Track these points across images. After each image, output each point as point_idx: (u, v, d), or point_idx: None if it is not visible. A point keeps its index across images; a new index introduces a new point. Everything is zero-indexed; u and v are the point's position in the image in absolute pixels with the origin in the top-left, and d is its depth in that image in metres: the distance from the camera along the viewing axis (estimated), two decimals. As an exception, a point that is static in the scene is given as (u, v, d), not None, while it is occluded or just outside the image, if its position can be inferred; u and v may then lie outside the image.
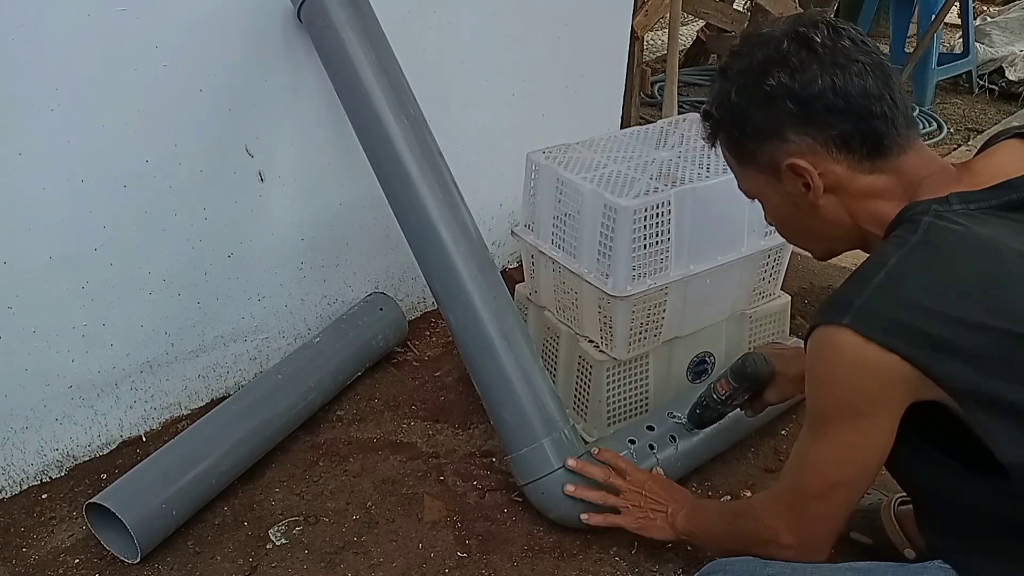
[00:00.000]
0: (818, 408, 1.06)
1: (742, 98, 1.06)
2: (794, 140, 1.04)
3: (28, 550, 1.53)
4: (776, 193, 1.11)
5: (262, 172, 1.79)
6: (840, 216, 1.08)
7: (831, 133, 1.02)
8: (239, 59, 1.67)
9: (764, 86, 1.03)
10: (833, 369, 1.00)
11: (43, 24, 1.40)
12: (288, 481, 1.68)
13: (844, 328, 0.96)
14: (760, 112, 1.05)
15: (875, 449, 1.03)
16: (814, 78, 1.01)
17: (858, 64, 1.01)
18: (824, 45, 1.01)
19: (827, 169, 1.04)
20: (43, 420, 1.65)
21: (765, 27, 1.07)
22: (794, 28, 1.03)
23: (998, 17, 4.53)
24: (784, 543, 1.14)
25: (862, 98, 1.01)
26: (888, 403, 0.99)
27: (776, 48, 1.03)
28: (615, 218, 1.52)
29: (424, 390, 1.96)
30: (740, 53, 1.07)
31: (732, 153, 1.14)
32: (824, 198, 1.06)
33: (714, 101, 1.11)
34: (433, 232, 1.59)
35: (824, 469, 1.08)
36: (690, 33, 4.78)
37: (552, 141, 1.78)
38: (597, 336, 1.69)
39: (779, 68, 1.02)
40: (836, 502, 1.09)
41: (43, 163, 1.48)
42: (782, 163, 1.06)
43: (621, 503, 1.44)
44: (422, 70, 1.82)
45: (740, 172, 1.16)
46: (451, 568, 1.47)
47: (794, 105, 1.02)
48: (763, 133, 1.06)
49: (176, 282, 1.75)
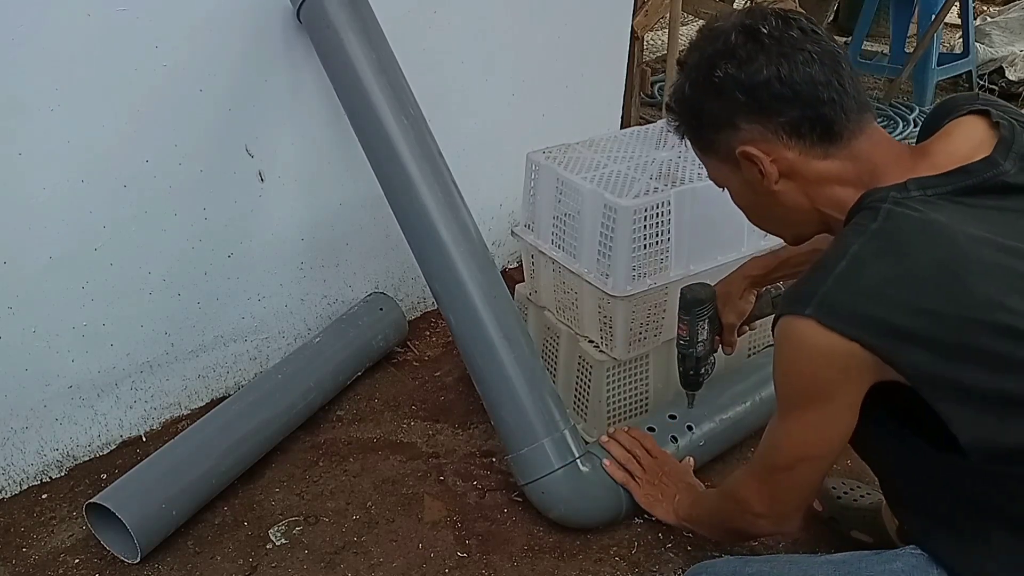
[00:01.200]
0: (783, 393, 1.10)
1: (695, 91, 1.10)
2: (745, 128, 1.07)
3: (28, 550, 1.53)
4: (737, 180, 1.14)
5: (262, 172, 1.80)
6: (799, 201, 1.10)
7: (780, 120, 1.05)
8: (239, 59, 1.67)
9: (713, 78, 1.06)
10: (796, 358, 1.04)
11: (43, 24, 1.40)
12: (288, 481, 1.68)
13: (807, 319, 0.99)
14: (712, 103, 1.08)
15: (838, 428, 1.07)
16: (760, 68, 1.03)
17: (804, 53, 1.03)
18: (771, 36, 1.04)
19: (779, 156, 1.07)
20: (43, 420, 1.65)
21: (718, 21, 1.10)
22: (743, 21, 1.06)
23: (998, 17, 4.53)
24: (757, 512, 1.21)
25: (808, 85, 1.03)
26: (849, 388, 1.03)
27: (724, 41, 1.06)
28: (615, 218, 1.52)
29: (424, 390, 1.96)
30: (694, 47, 1.11)
31: (695, 143, 1.18)
32: (781, 183, 1.09)
33: (673, 95, 1.15)
34: (433, 232, 1.59)
35: (790, 445, 1.13)
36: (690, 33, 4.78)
37: (552, 141, 1.78)
38: (597, 336, 1.69)
39: (726, 60, 1.05)
40: (802, 474, 1.14)
41: (43, 163, 1.48)
42: (736, 151, 1.09)
43: (639, 473, 1.51)
44: (422, 70, 1.82)
45: (705, 161, 1.19)
46: (451, 568, 1.47)
47: (742, 95, 1.05)
48: (717, 123, 1.09)
49: (176, 282, 1.75)
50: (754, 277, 1.50)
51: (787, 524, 1.22)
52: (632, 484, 1.51)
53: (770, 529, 1.26)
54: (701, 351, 1.51)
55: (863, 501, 1.50)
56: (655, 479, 1.50)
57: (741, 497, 1.23)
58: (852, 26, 4.42)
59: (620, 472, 1.52)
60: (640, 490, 1.50)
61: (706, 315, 1.48)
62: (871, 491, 1.52)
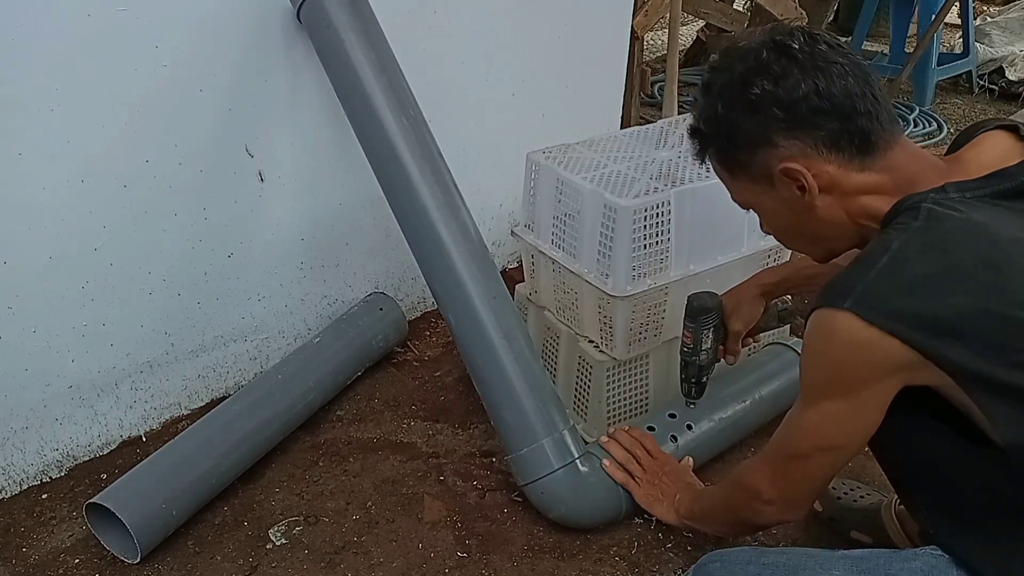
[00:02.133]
0: (810, 382, 1.09)
1: (729, 110, 1.08)
2: (784, 145, 1.06)
3: (28, 550, 1.53)
4: (771, 200, 1.12)
5: (262, 172, 1.80)
6: (837, 215, 1.09)
7: (819, 134, 1.04)
8: (239, 59, 1.67)
9: (749, 95, 1.05)
10: (829, 349, 1.03)
11: (43, 24, 1.40)
12: (288, 481, 1.68)
13: (845, 312, 0.98)
14: (748, 121, 1.07)
15: (862, 423, 1.07)
16: (797, 83, 1.03)
17: (837, 66, 1.03)
18: (802, 51, 1.03)
19: (820, 170, 1.06)
20: (43, 420, 1.65)
21: (742, 41, 1.09)
22: (771, 38, 1.06)
23: (998, 17, 4.53)
24: (765, 498, 1.20)
25: (845, 97, 1.03)
26: (880, 385, 1.02)
27: (756, 58, 1.05)
28: (615, 218, 1.52)
29: (424, 390, 1.96)
30: (721, 68, 1.09)
31: (724, 165, 1.16)
32: (820, 198, 1.08)
33: (701, 116, 1.13)
34: (433, 232, 1.59)
35: (810, 433, 1.11)
36: (690, 33, 4.78)
37: (552, 141, 1.78)
38: (597, 336, 1.69)
39: (762, 76, 1.04)
40: (818, 463, 1.13)
41: (43, 163, 1.48)
42: (775, 169, 1.07)
43: (639, 473, 1.51)
44: (422, 70, 1.82)
45: (733, 184, 1.17)
46: (451, 568, 1.47)
47: (780, 111, 1.04)
48: (753, 142, 1.08)
49: (176, 282, 1.75)
50: (766, 286, 1.50)
51: (795, 512, 1.22)
52: (632, 484, 1.51)
53: (777, 517, 1.25)
54: (704, 359, 1.52)
55: (863, 502, 1.50)
56: (655, 479, 1.50)
57: (751, 483, 1.22)
58: (852, 26, 4.42)
59: (620, 472, 1.52)
60: (640, 490, 1.50)
61: (711, 324, 1.49)
62: (871, 491, 1.52)
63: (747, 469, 1.27)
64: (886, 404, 1.04)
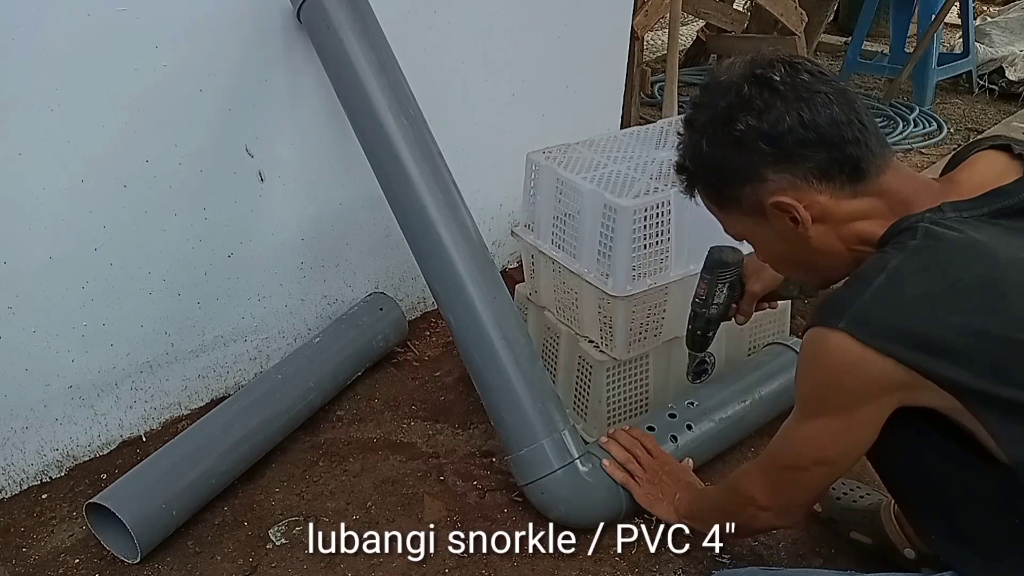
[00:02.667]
0: (804, 399, 1.09)
1: (714, 148, 1.07)
2: (773, 179, 1.04)
3: (28, 550, 1.53)
4: (764, 232, 1.11)
5: (262, 172, 1.79)
6: (831, 243, 1.08)
7: (808, 166, 1.03)
8: (239, 59, 1.67)
9: (734, 132, 1.04)
10: (823, 370, 1.02)
11: (43, 24, 1.40)
12: (288, 481, 1.68)
13: (839, 332, 0.97)
14: (734, 157, 1.05)
15: (857, 440, 1.06)
16: (781, 116, 1.01)
17: (821, 95, 1.02)
18: (784, 82, 1.02)
19: (811, 201, 1.04)
20: (43, 420, 1.65)
21: (722, 75, 1.07)
22: (751, 72, 1.04)
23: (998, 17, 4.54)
24: (761, 505, 1.21)
25: (831, 126, 1.01)
26: (876, 405, 1.01)
27: (738, 93, 1.04)
28: (615, 218, 1.52)
29: (424, 390, 1.96)
30: (702, 104, 1.08)
31: (713, 201, 1.15)
32: (813, 228, 1.06)
33: (686, 154, 1.12)
34: (433, 232, 1.58)
35: (805, 446, 1.11)
36: (690, 33, 4.78)
37: (552, 141, 1.78)
38: (597, 336, 1.69)
39: (744, 112, 1.03)
40: (814, 475, 1.13)
41: (43, 163, 1.48)
42: (766, 203, 1.06)
43: (639, 473, 1.51)
44: (422, 70, 1.82)
45: (724, 218, 1.16)
46: (451, 568, 1.47)
47: (766, 145, 1.03)
48: (741, 177, 1.06)
49: (176, 282, 1.75)
50: None
51: (791, 519, 1.23)
52: (632, 484, 1.51)
53: (773, 523, 1.26)
54: (714, 313, 1.49)
55: (862, 502, 1.50)
56: (655, 478, 1.50)
57: (745, 491, 1.23)
58: (852, 26, 4.42)
59: (620, 472, 1.52)
60: (640, 489, 1.50)
61: (728, 279, 1.47)
62: (871, 491, 1.52)
63: (743, 476, 1.27)
64: (881, 422, 1.03)
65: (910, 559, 1.37)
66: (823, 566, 1.46)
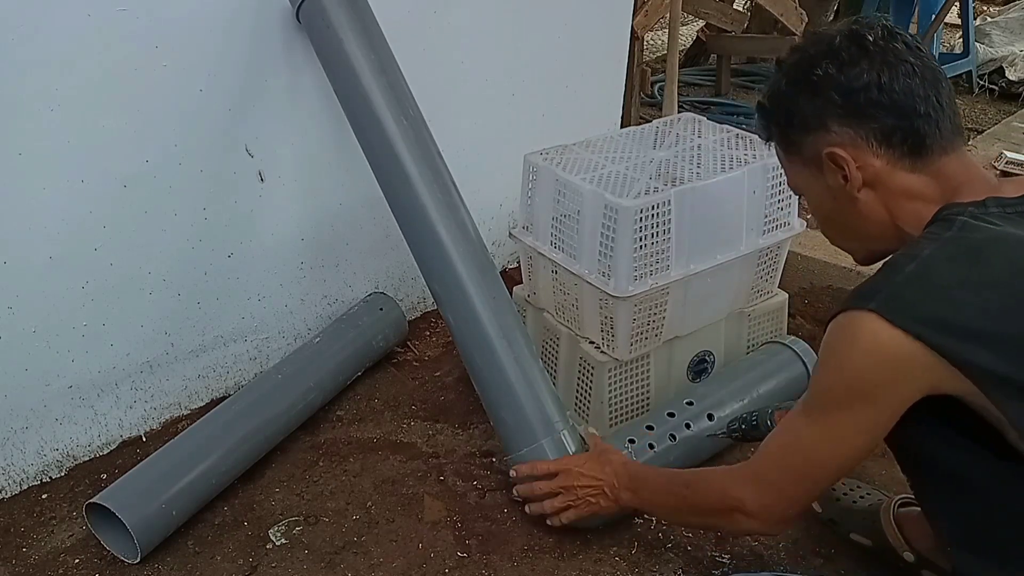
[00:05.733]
0: (822, 390, 1.07)
1: (791, 87, 1.10)
2: (836, 131, 1.07)
3: (28, 550, 1.53)
4: (818, 187, 1.13)
5: (262, 172, 1.80)
6: (878, 213, 1.09)
7: (873, 126, 1.05)
8: (239, 59, 1.67)
9: (812, 76, 1.07)
10: (850, 352, 1.01)
11: (43, 24, 1.40)
12: (288, 481, 1.68)
13: (870, 313, 0.97)
14: (806, 102, 1.08)
15: (869, 437, 1.05)
16: (861, 72, 1.04)
17: (907, 64, 1.04)
18: (876, 44, 1.04)
19: (866, 162, 1.06)
20: (43, 420, 1.65)
21: (825, 26, 1.10)
22: (849, 27, 1.07)
23: (998, 17, 4.54)
24: (749, 511, 1.16)
25: (906, 96, 1.03)
26: (897, 393, 1.00)
27: (829, 43, 1.07)
28: (616, 219, 1.52)
29: (424, 390, 1.96)
30: (797, 48, 1.12)
31: (781, 145, 1.17)
32: (863, 192, 1.08)
33: (767, 92, 1.15)
34: (432, 232, 1.59)
35: (812, 451, 1.09)
36: (690, 33, 4.79)
37: (552, 141, 1.78)
38: (598, 337, 1.69)
39: (828, 60, 1.06)
40: (812, 481, 1.12)
41: (43, 163, 1.48)
42: (823, 153, 1.08)
43: (560, 504, 1.45)
44: (422, 70, 1.82)
45: (788, 165, 1.18)
46: (451, 568, 1.47)
47: (839, 96, 1.05)
48: (808, 123, 1.09)
49: (176, 282, 1.75)
50: None
51: (777, 528, 1.20)
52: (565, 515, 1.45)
53: (756, 530, 1.23)
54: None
55: (862, 503, 1.49)
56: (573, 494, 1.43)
57: (732, 495, 1.17)
58: (852, 26, 4.42)
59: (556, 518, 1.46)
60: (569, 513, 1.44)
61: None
62: (871, 491, 1.51)
63: (729, 480, 1.21)
64: (894, 419, 1.01)
65: (909, 562, 1.36)
66: (823, 566, 1.46)
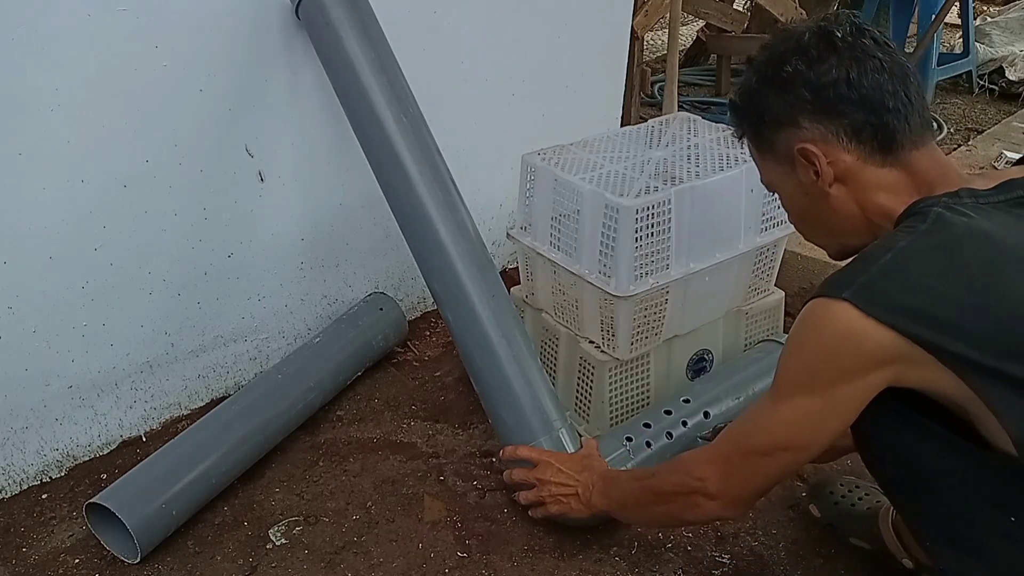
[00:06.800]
0: (789, 373, 1.08)
1: (761, 85, 1.11)
2: (807, 127, 1.08)
3: (28, 550, 1.53)
4: (791, 183, 1.14)
5: (262, 172, 1.79)
6: (849, 208, 1.10)
7: (843, 122, 1.06)
8: (239, 59, 1.67)
9: (782, 72, 1.08)
10: (818, 337, 1.02)
11: (43, 24, 1.40)
12: (288, 481, 1.68)
13: (842, 301, 0.98)
14: (777, 99, 1.09)
15: (833, 424, 1.05)
16: (829, 68, 1.05)
17: (875, 60, 1.05)
18: (844, 40, 1.05)
19: (837, 158, 1.07)
20: (43, 420, 1.65)
21: (794, 23, 1.12)
22: (818, 23, 1.08)
23: (998, 17, 4.54)
24: (710, 492, 1.17)
25: (875, 91, 1.04)
26: (863, 382, 1.00)
27: (798, 40, 1.08)
28: (616, 218, 1.52)
29: (424, 390, 1.96)
30: (767, 45, 1.13)
31: (753, 142, 1.18)
32: (834, 187, 1.09)
33: (739, 89, 1.16)
34: (432, 232, 1.59)
35: (777, 430, 1.10)
36: (690, 33, 4.79)
37: (552, 141, 1.78)
38: (598, 337, 1.69)
39: (797, 57, 1.07)
40: (777, 463, 1.12)
41: (43, 163, 1.48)
42: (794, 149, 1.09)
43: (534, 496, 1.48)
44: (422, 70, 1.82)
45: (761, 162, 1.19)
46: (451, 568, 1.47)
47: (808, 92, 1.06)
48: (779, 120, 1.10)
49: (176, 282, 1.75)
50: None
51: (738, 510, 1.20)
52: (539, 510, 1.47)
53: (716, 514, 1.22)
54: None
55: (861, 505, 1.48)
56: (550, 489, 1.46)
57: (695, 475, 1.19)
58: (852, 26, 4.41)
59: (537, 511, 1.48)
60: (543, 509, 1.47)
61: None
62: (870, 491, 1.51)
63: (692, 461, 1.23)
64: (861, 406, 1.02)
65: (908, 568, 1.36)
66: (823, 567, 1.46)
